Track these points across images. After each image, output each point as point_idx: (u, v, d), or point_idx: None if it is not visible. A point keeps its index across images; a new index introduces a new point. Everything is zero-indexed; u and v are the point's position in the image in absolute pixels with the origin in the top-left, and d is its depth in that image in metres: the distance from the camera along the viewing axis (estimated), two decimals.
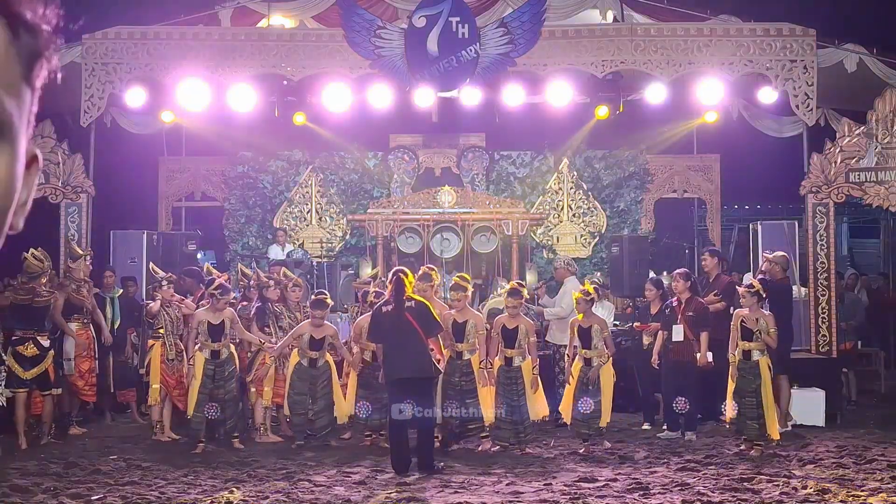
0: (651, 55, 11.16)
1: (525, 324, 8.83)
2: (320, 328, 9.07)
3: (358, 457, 8.43)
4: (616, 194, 15.32)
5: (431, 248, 13.44)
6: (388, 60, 11.25)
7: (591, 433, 8.71)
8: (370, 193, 15.19)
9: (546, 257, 14.88)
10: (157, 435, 9.30)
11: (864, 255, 18.93)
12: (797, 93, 10.95)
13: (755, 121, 13.30)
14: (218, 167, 15.58)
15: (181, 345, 9.40)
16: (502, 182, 15.35)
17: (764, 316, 8.56)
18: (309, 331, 9.06)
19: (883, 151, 10.93)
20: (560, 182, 15.35)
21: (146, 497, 6.87)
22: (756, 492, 6.92)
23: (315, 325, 9.05)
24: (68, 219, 11.05)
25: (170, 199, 15.64)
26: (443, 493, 6.98)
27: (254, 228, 15.28)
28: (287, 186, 15.35)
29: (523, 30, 11.11)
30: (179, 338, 9.46)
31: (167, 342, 9.39)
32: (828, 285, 10.97)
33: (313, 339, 9.00)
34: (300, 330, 9.14)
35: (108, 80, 11.08)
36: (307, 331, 9.06)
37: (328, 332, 9.12)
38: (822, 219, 11.03)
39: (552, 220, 15.23)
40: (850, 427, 9.86)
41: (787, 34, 11.05)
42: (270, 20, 11.91)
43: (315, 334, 9.03)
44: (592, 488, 7.15)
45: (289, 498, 6.83)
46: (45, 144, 11.04)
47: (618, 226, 15.14)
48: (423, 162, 15.18)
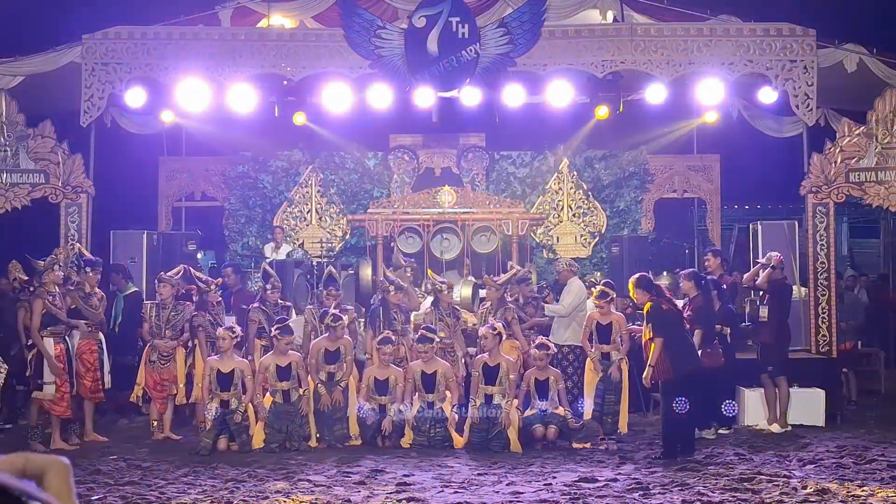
0: (651, 55, 11.16)
1: (506, 362, 9.04)
2: (285, 356, 8.97)
3: (358, 457, 8.43)
4: (616, 194, 15.33)
5: (431, 248, 13.44)
6: (387, 60, 11.25)
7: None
8: (370, 193, 15.19)
9: (546, 257, 14.89)
10: (154, 434, 9.30)
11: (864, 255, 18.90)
12: (797, 93, 10.95)
13: (755, 121, 13.29)
14: (218, 167, 15.59)
15: (167, 347, 9.42)
16: (502, 182, 15.35)
17: (618, 319, 9.47)
18: (273, 360, 8.95)
19: (883, 151, 10.93)
20: (560, 182, 15.35)
21: (146, 497, 6.87)
22: (756, 492, 6.92)
23: (279, 352, 8.96)
24: (68, 219, 11.04)
25: (170, 199, 15.64)
26: (443, 494, 6.98)
27: (254, 228, 15.28)
28: (287, 186, 15.36)
29: (523, 30, 11.11)
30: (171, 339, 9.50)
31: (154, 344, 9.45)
32: (828, 285, 10.97)
33: (220, 374, 8.84)
34: (264, 363, 9.01)
35: (108, 80, 11.08)
36: (271, 361, 8.95)
37: (293, 360, 8.99)
38: (822, 219, 11.03)
39: (552, 220, 15.23)
40: (850, 427, 9.86)
41: (787, 34, 11.04)
42: (270, 20, 11.90)
43: (280, 362, 8.92)
44: (592, 488, 7.15)
45: (289, 498, 6.83)
46: (45, 144, 11.05)
47: (618, 226, 15.15)
48: (423, 162, 15.18)
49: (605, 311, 9.45)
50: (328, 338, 9.13)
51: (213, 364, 8.87)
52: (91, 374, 9.22)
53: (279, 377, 8.87)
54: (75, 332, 9.19)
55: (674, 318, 8.38)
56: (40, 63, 11.09)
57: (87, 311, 9.23)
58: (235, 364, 8.87)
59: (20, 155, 11.02)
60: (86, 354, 9.22)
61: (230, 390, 8.81)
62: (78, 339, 9.20)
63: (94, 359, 9.26)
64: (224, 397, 8.79)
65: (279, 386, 8.87)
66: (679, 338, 8.36)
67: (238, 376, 8.83)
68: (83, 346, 9.22)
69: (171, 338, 9.48)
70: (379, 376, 9.05)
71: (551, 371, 9.07)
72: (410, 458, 8.37)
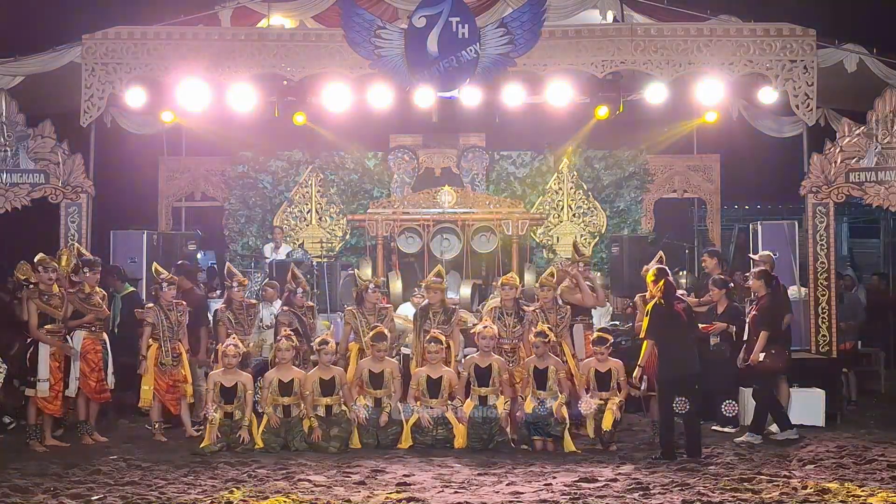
0: (651, 55, 11.17)
1: (497, 362, 9.03)
2: (233, 374, 8.87)
3: (358, 457, 8.43)
4: (616, 194, 15.34)
5: (431, 248, 13.45)
6: (388, 60, 11.26)
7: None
8: (370, 193, 15.20)
9: (546, 257, 14.89)
10: (156, 436, 9.29)
11: (864, 255, 18.92)
12: (797, 93, 10.95)
13: (755, 121, 13.29)
14: (218, 167, 15.60)
15: (179, 348, 9.40)
16: (502, 182, 15.36)
17: (616, 366, 9.19)
18: (219, 380, 8.84)
19: (883, 151, 10.93)
20: (560, 182, 15.36)
21: (146, 497, 6.87)
22: (756, 492, 6.92)
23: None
24: (68, 219, 11.05)
25: (170, 199, 15.64)
26: (443, 494, 6.98)
27: (254, 228, 15.29)
28: (287, 186, 15.37)
29: (523, 30, 11.12)
30: (180, 341, 9.46)
31: (163, 346, 9.37)
32: (828, 285, 10.97)
33: (223, 387, 8.80)
34: (213, 378, 8.90)
35: (108, 80, 11.08)
36: (220, 380, 8.83)
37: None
38: (822, 219, 11.03)
39: (552, 220, 15.24)
40: (850, 427, 9.86)
41: (787, 34, 11.05)
42: (270, 20, 11.91)
43: (226, 383, 8.83)
44: (592, 488, 7.16)
45: (289, 498, 6.83)
46: (45, 144, 11.04)
47: (618, 226, 15.17)
48: (423, 162, 15.19)
49: (603, 358, 9.10)
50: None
51: (216, 378, 8.86)
52: (96, 375, 9.21)
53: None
54: (78, 332, 9.18)
55: (674, 321, 8.33)
56: (40, 63, 11.09)
57: (88, 310, 9.21)
58: (238, 378, 8.86)
59: (20, 155, 11.02)
60: (90, 354, 9.20)
61: (233, 403, 8.81)
62: (82, 339, 9.19)
63: (98, 358, 9.24)
64: (227, 409, 8.78)
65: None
66: (676, 341, 8.28)
67: (241, 390, 8.82)
68: (88, 346, 9.20)
69: (178, 339, 9.47)
70: (373, 369, 9.06)
71: (551, 360, 8.99)
72: (410, 458, 8.36)
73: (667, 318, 8.28)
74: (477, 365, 9.00)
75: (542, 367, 8.89)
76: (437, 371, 9.03)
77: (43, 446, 8.76)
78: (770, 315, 9.14)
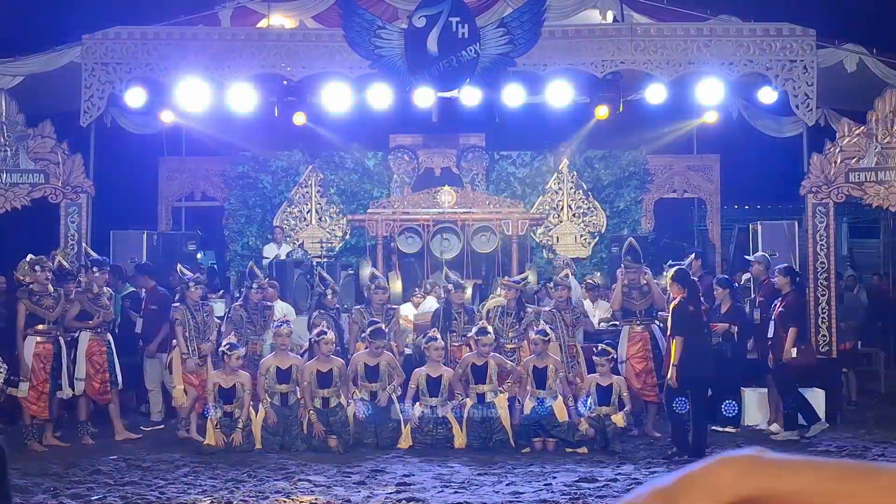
0: (651, 55, 11.16)
1: (493, 361, 9.03)
2: (232, 375, 8.85)
3: (358, 457, 8.43)
4: (616, 194, 15.33)
5: (431, 248, 13.44)
6: (387, 60, 11.25)
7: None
8: (370, 193, 15.20)
9: (546, 257, 14.89)
10: (180, 431, 9.30)
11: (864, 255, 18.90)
12: (797, 93, 10.95)
13: (755, 121, 13.28)
14: (218, 167, 15.59)
15: (204, 348, 9.39)
16: (502, 182, 15.36)
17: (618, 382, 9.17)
18: (217, 380, 8.84)
19: (883, 151, 10.92)
20: (560, 182, 15.36)
21: (146, 497, 6.88)
22: None
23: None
24: (68, 219, 11.04)
25: (170, 199, 15.64)
26: (443, 494, 6.99)
27: (254, 228, 15.29)
28: (287, 186, 15.37)
29: (523, 30, 11.11)
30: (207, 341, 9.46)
31: (189, 346, 9.34)
32: (828, 285, 10.97)
33: (222, 388, 8.79)
34: (213, 378, 8.90)
35: (108, 80, 11.08)
36: (219, 380, 8.83)
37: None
38: (822, 219, 11.02)
39: (552, 220, 15.24)
40: (850, 427, 9.86)
41: (787, 34, 11.05)
42: (270, 20, 11.91)
43: (224, 384, 8.83)
44: (592, 488, 7.16)
45: (289, 498, 6.83)
46: (45, 144, 11.04)
47: (618, 226, 15.16)
48: (423, 162, 15.18)
49: (606, 372, 9.08)
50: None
51: (215, 378, 8.85)
52: (100, 376, 9.20)
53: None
54: (83, 334, 9.17)
55: (695, 321, 8.36)
56: (40, 63, 11.09)
57: (96, 310, 9.20)
58: (236, 379, 8.85)
59: (20, 155, 11.02)
60: (95, 356, 9.20)
61: (232, 402, 8.80)
62: (88, 341, 9.19)
63: (103, 360, 9.24)
64: (227, 409, 8.78)
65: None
66: (694, 342, 8.30)
67: (240, 391, 8.82)
68: (93, 348, 9.20)
69: (206, 339, 9.48)
70: (369, 362, 9.05)
71: (550, 359, 8.99)
72: (410, 458, 8.37)
73: (689, 319, 8.31)
74: (474, 363, 9.01)
75: (541, 366, 8.89)
76: (437, 370, 9.03)
77: (42, 446, 8.77)
78: (798, 311, 9.18)
